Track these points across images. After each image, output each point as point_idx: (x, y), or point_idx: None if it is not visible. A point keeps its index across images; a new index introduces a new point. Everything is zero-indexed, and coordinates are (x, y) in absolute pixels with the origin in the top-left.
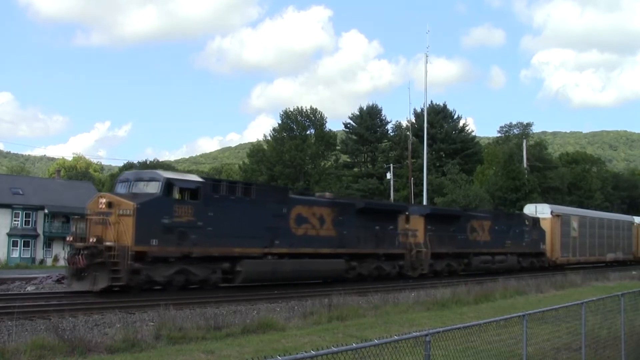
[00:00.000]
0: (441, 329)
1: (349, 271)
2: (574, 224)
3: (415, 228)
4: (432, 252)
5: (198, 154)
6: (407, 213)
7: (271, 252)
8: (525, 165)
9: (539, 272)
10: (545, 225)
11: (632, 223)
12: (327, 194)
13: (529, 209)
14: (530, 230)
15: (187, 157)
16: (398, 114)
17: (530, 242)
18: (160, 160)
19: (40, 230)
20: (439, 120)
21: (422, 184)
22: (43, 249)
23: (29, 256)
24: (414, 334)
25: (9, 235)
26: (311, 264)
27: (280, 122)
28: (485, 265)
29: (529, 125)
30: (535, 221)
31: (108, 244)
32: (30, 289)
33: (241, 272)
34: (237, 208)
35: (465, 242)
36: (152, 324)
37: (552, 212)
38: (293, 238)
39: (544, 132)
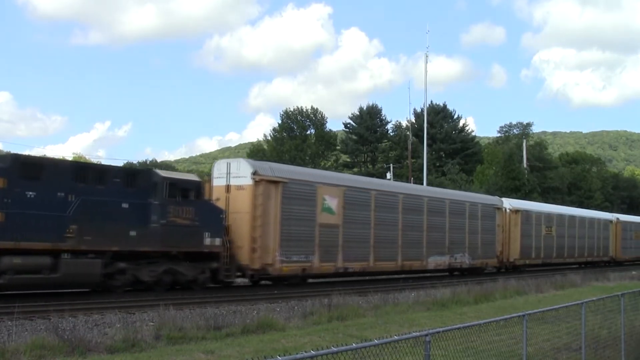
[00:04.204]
0: (441, 329)
1: None
2: (331, 201)
3: None
4: None
5: (198, 154)
6: None
7: None
8: (525, 165)
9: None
10: (239, 199)
11: (496, 208)
12: None
13: (219, 169)
14: (160, 206)
15: (187, 157)
16: (398, 114)
17: (161, 231)
18: (159, 160)
19: None
20: (438, 120)
21: (422, 184)
22: None
23: None
24: (414, 334)
25: None
26: None
27: (280, 121)
28: None
29: (529, 125)
30: (182, 187)
31: None
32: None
33: None
34: None
35: None
36: (152, 324)
37: (255, 174)
38: None
39: (544, 132)
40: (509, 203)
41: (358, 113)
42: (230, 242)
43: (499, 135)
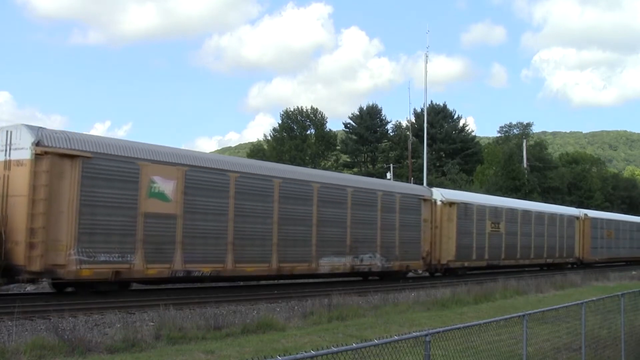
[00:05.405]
0: (441, 329)
1: None
2: (163, 184)
3: None
4: None
5: None
6: None
7: None
8: (525, 165)
9: None
10: (19, 179)
11: (421, 199)
12: None
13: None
14: None
15: None
16: (398, 114)
17: None
18: None
19: None
20: (439, 120)
21: (422, 184)
22: None
23: None
24: (414, 334)
25: None
26: None
27: (280, 121)
28: None
29: (529, 125)
30: None
31: None
32: (30, 288)
33: None
34: None
35: None
36: (152, 324)
37: (38, 144)
38: None
39: (544, 132)
40: (440, 194)
41: (358, 113)
42: (4, 236)
43: (499, 135)
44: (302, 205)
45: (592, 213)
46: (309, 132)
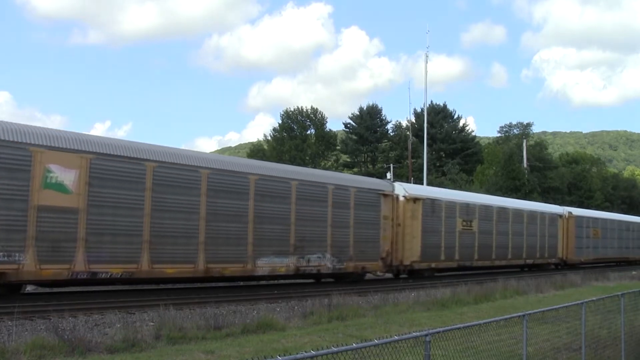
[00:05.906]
0: (441, 329)
1: None
2: (63, 173)
3: None
4: None
5: None
6: None
7: None
8: (525, 165)
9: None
10: None
11: (381, 195)
12: None
13: None
14: None
15: None
16: (398, 113)
17: None
18: None
19: None
20: (439, 120)
21: (423, 184)
22: None
23: None
24: (414, 334)
25: None
26: None
27: (280, 121)
28: None
29: (529, 125)
30: None
31: None
32: (30, 288)
33: None
34: None
35: None
36: (152, 324)
37: None
38: None
39: (544, 132)
40: (403, 188)
41: (358, 113)
42: None
43: (499, 135)
44: (236, 200)
45: (577, 211)
46: (309, 132)
